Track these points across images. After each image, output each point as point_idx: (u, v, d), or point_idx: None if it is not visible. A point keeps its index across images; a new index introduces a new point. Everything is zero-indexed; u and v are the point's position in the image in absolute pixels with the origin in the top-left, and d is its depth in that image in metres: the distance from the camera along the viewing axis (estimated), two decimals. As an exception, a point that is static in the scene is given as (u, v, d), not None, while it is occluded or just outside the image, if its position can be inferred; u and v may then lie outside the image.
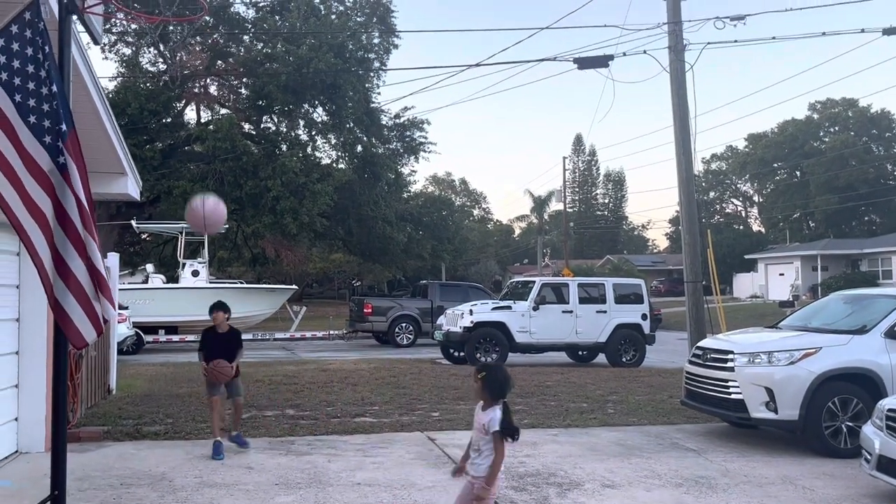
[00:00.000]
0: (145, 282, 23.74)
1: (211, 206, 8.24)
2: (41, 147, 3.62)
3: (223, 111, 32.49)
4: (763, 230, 71.82)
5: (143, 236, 33.58)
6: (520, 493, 6.07)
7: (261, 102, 30.89)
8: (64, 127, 3.63)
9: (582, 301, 17.09)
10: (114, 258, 11.35)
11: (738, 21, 13.84)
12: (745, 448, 7.88)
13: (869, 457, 5.90)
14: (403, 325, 23.00)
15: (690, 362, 8.92)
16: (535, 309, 16.62)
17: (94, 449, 7.52)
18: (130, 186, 8.96)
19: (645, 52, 14.38)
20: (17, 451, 7.24)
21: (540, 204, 61.70)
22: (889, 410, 5.83)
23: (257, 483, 6.30)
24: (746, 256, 53.04)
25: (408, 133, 35.26)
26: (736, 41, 14.45)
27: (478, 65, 19.08)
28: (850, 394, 7.52)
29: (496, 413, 4.18)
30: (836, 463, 7.15)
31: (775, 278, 48.86)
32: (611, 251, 73.04)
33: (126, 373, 13.50)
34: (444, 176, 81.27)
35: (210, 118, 32.38)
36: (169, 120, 30.87)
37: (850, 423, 7.42)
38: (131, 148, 14.21)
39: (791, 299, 39.37)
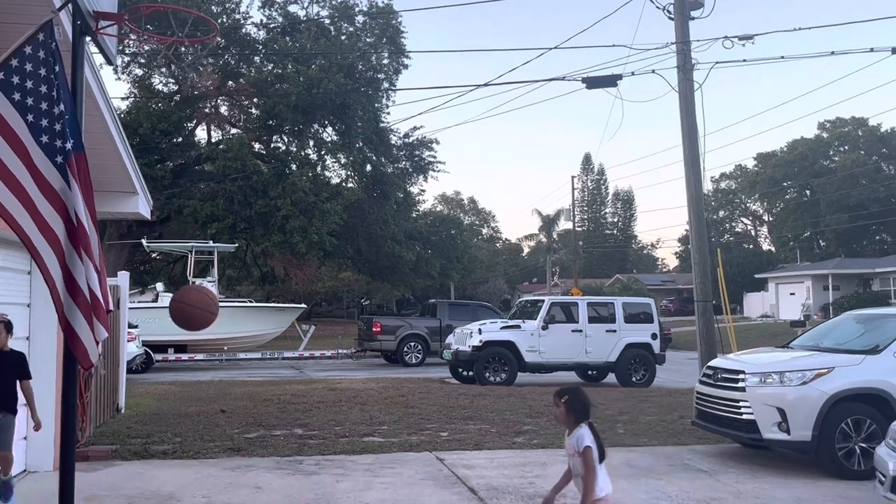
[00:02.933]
0: (155, 300, 23.81)
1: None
2: (53, 167, 3.66)
3: (234, 131, 32.78)
4: (773, 249, 71.47)
5: (154, 255, 33.74)
6: (529, 515, 6.01)
7: (271, 122, 31.15)
8: (69, 146, 3.65)
9: (591, 320, 17.00)
10: (124, 277, 11.40)
11: (747, 40, 13.88)
12: (758, 469, 7.79)
13: (883, 478, 5.81)
14: (412, 344, 22.94)
15: (701, 382, 8.84)
16: (544, 328, 16.55)
17: (102, 468, 7.51)
18: (141, 205, 9.02)
19: (654, 71, 14.43)
20: (25, 471, 7.24)
21: (549, 223, 61.67)
22: (904, 431, 5.75)
23: (265, 503, 6.27)
24: (757, 276, 52.74)
25: (417, 152, 35.42)
26: (745, 60, 14.55)
27: (486, 84, 19.12)
28: (864, 414, 7.43)
29: (583, 430, 4.23)
30: (850, 485, 7.05)
31: (786, 298, 48.53)
32: (620, 270, 72.78)
33: (135, 391, 13.51)
34: (452, 195, 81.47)
35: (221, 138, 32.67)
36: (180, 140, 31.15)
37: (864, 444, 7.32)
38: (142, 167, 14.34)
39: (802, 319, 39.05)
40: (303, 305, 29.23)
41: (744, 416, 7.80)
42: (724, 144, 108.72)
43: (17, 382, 5.55)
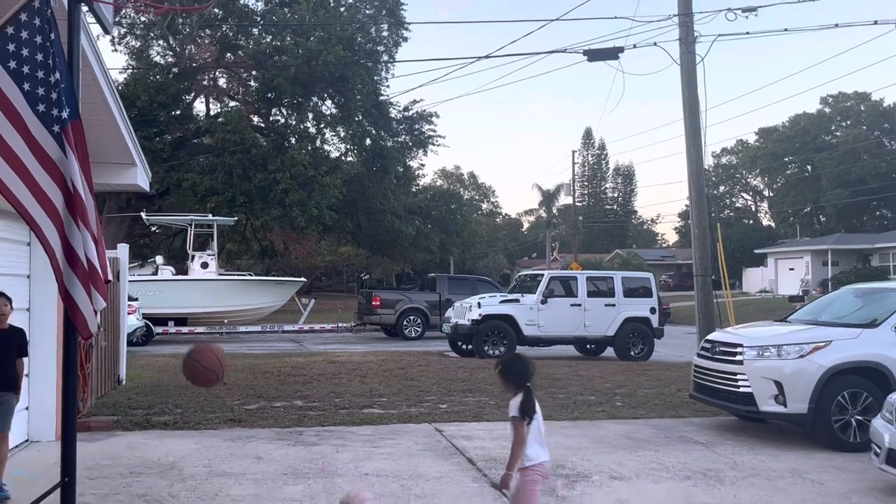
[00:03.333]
0: (155, 273, 23.86)
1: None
2: (50, 136, 3.62)
3: (232, 104, 32.58)
4: (773, 225, 71.41)
5: (153, 228, 33.71)
6: (527, 485, 6.06)
7: (270, 95, 30.94)
8: (65, 114, 3.61)
9: (590, 294, 17.05)
10: (123, 249, 11.41)
11: (750, 13, 13.73)
12: (754, 441, 7.85)
13: (878, 450, 5.87)
14: (412, 317, 23.02)
15: (699, 355, 8.89)
16: (543, 302, 16.59)
17: (103, 438, 7.57)
18: (140, 177, 8.98)
19: (655, 44, 14.28)
20: (27, 441, 7.30)
21: (549, 198, 61.55)
22: (900, 404, 5.79)
23: (266, 472, 6.33)
24: (756, 251, 52.76)
25: (416, 126, 35.25)
26: (748, 33, 14.36)
27: (487, 56, 18.96)
28: (860, 387, 7.48)
29: (516, 398, 4.24)
30: (846, 457, 7.11)
31: (785, 273, 48.60)
32: (620, 245, 72.77)
33: (136, 363, 13.58)
34: (452, 170, 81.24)
35: (219, 111, 32.47)
36: (178, 112, 30.98)
37: (860, 417, 7.37)
38: (141, 140, 14.25)
39: (801, 294, 39.18)
40: (302, 279, 29.26)
41: (741, 389, 7.85)
42: (726, 119, 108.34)
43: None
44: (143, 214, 25.04)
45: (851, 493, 5.96)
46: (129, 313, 13.59)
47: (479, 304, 16.64)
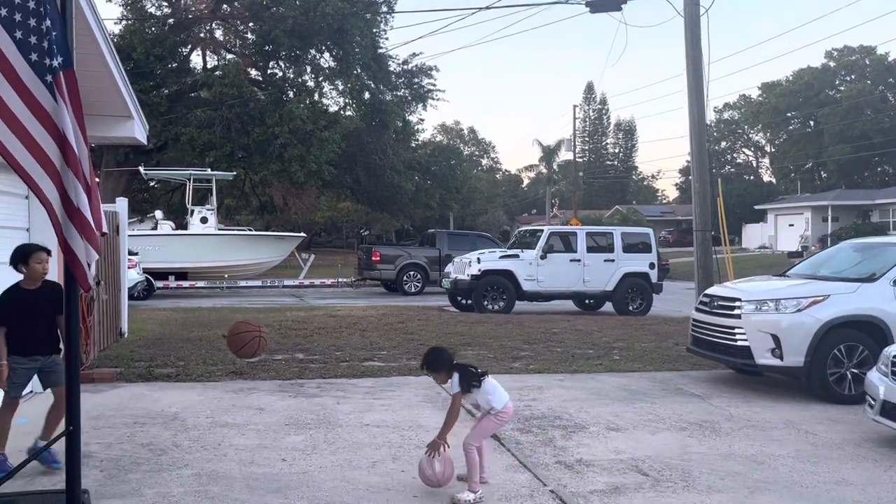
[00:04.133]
0: (154, 228, 23.86)
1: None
2: (43, 86, 3.56)
3: (229, 57, 32.13)
4: (774, 181, 71.15)
5: (152, 183, 33.58)
6: (525, 435, 6.16)
7: (267, 48, 30.49)
8: (56, 63, 3.53)
9: (590, 250, 17.08)
10: (122, 203, 11.37)
11: (756, -38, 13.41)
12: (750, 394, 7.95)
13: (873, 402, 5.95)
14: (411, 273, 23.10)
15: (697, 310, 8.94)
16: (542, 258, 16.63)
17: (107, 389, 7.67)
18: (137, 130, 8.91)
19: (659, -5, 14.00)
20: (31, 392, 7.37)
21: (549, 153, 61.18)
22: (895, 357, 5.84)
23: (268, 423, 6.42)
24: (756, 207, 52.67)
25: (416, 80, 34.84)
26: (753, -16, 14.03)
27: (487, 7, 18.63)
28: (857, 341, 7.54)
29: (453, 379, 4.79)
30: (840, 409, 7.21)
31: (785, 229, 48.61)
32: (620, 201, 72.60)
33: (137, 317, 13.66)
34: (452, 125, 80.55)
35: (216, 64, 32.05)
36: (175, 65, 30.57)
37: (855, 370, 7.45)
38: (137, 94, 14.08)
39: (800, 250, 39.26)
40: (302, 234, 29.24)
41: (738, 343, 7.92)
42: (729, 73, 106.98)
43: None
44: (141, 169, 24.91)
45: (844, 443, 6.05)
46: (129, 268, 13.62)
47: (478, 259, 16.68)
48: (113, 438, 5.88)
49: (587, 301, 17.89)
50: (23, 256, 4.98)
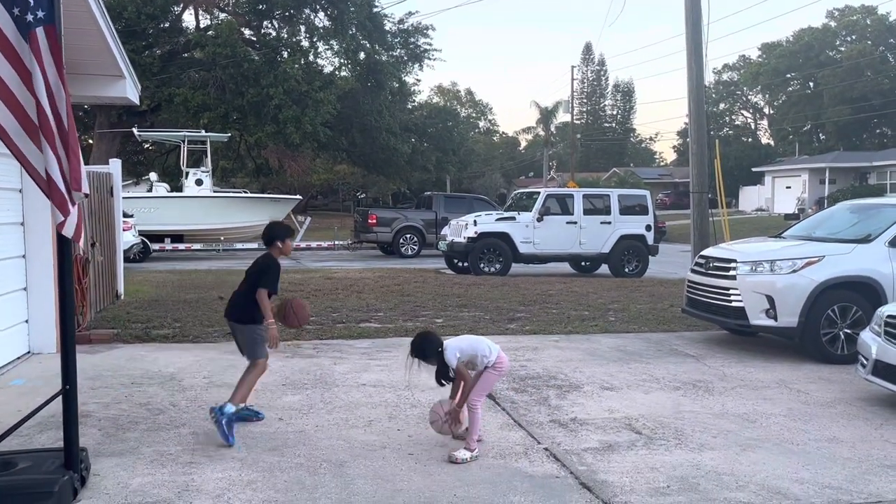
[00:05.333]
0: (150, 191, 23.74)
1: None
2: (26, 44, 3.47)
3: (222, 16, 31.59)
4: (772, 143, 70.80)
5: (146, 145, 33.30)
6: (520, 395, 6.22)
7: (261, 6, 30.01)
8: (31, 17, 3.42)
9: (586, 212, 17.06)
10: (116, 165, 11.29)
11: (759, -82, 13.14)
12: (743, 354, 8.01)
13: (865, 362, 6.00)
14: (408, 235, 23.09)
15: (693, 271, 8.95)
16: (539, 220, 16.62)
17: (104, 350, 7.69)
18: (129, 90, 8.79)
19: (659, -49, 13.73)
20: (29, 353, 7.41)
21: (547, 115, 60.69)
22: (889, 317, 5.88)
23: (264, 383, 6.44)
24: (754, 169, 52.53)
25: (412, 39, 34.34)
26: (755, -60, 13.78)
27: (485, -34, 18.27)
28: (851, 301, 7.57)
29: (446, 354, 4.80)
30: (832, 368, 7.28)
31: (782, 191, 48.57)
32: (618, 164, 72.30)
33: (133, 279, 13.67)
34: (449, 86, 79.62)
35: (209, 23, 31.52)
36: (167, 25, 30.08)
37: (849, 331, 7.50)
38: (129, 54, 13.86)
39: (796, 212, 39.25)
40: (298, 197, 29.15)
41: (733, 303, 7.95)
42: (729, 33, 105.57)
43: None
44: (134, 130, 24.68)
45: (836, 402, 6.12)
46: (124, 230, 13.59)
47: (475, 221, 16.66)
48: (110, 398, 5.91)
49: (583, 263, 17.93)
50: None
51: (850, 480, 4.39)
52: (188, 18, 33.04)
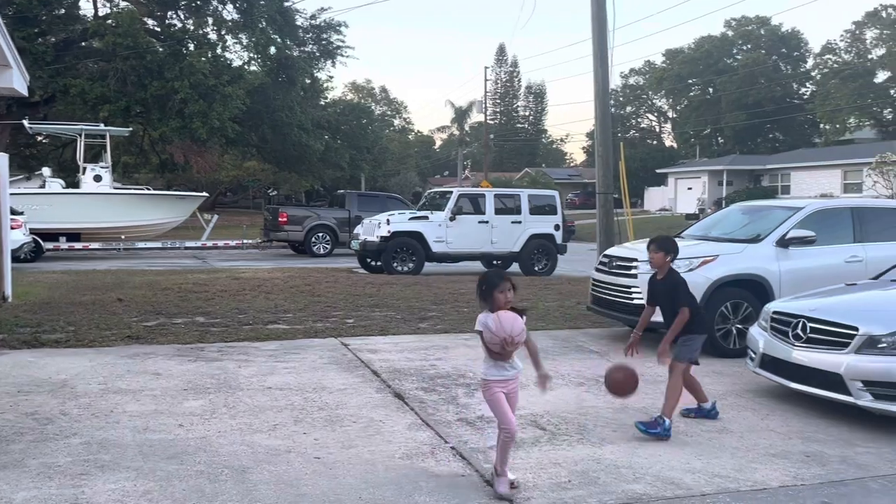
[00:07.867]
0: (42, 186, 22.47)
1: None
2: None
3: (123, 4, 30.25)
4: (675, 146, 73.91)
5: (39, 138, 31.49)
6: (429, 394, 6.23)
7: (165, -4, 28.88)
8: None
9: (498, 212, 17.31)
10: (2, 158, 10.62)
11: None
12: (644, 350, 8.25)
13: (754, 355, 6.33)
14: (320, 234, 22.79)
15: (597, 269, 9.22)
16: (451, 219, 16.73)
17: (-12, 357, 7.22)
18: (16, 80, 8.29)
19: (567, -43, 14.06)
20: None
21: (461, 115, 61.26)
22: (774, 313, 6.23)
23: (165, 388, 6.22)
24: (658, 171, 54.70)
25: (324, 35, 33.91)
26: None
27: (397, -36, 18.25)
28: (742, 298, 7.98)
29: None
30: (725, 362, 7.64)
31: (684, 192, 50.75)
32: (530, 164, 73.72)
33: (23, 280, 12.91)
34: (363, 83, 79.13)
35: (109, 12, 30.12)
36: (62, 12, 28.56)
37: (740, 326, 7.90)
38: (19, 41, 13.07)
39: (697, 212, 41.13)
40: (204, 194, 28.22)
41: (635, 301, 8.24)
42: (636, 39, 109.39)
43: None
44: (25, 122, 23.27)
45: (727, 394, 6.43)
46: (13, 228, 12.81)
47: (388, 220, 16.61)
48: (-6, 408, 5.55)
49: (495, 262, 18.16)
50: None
51: (737, 469, 4.62)
52: (86, 6, 31.48)
